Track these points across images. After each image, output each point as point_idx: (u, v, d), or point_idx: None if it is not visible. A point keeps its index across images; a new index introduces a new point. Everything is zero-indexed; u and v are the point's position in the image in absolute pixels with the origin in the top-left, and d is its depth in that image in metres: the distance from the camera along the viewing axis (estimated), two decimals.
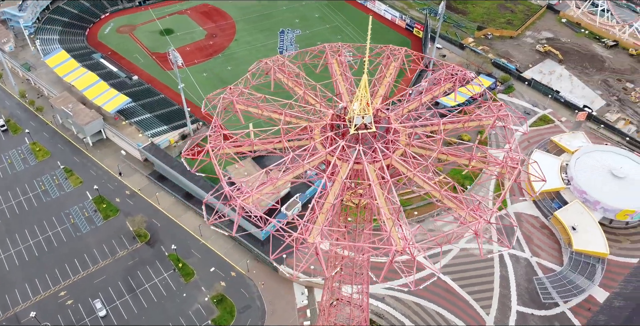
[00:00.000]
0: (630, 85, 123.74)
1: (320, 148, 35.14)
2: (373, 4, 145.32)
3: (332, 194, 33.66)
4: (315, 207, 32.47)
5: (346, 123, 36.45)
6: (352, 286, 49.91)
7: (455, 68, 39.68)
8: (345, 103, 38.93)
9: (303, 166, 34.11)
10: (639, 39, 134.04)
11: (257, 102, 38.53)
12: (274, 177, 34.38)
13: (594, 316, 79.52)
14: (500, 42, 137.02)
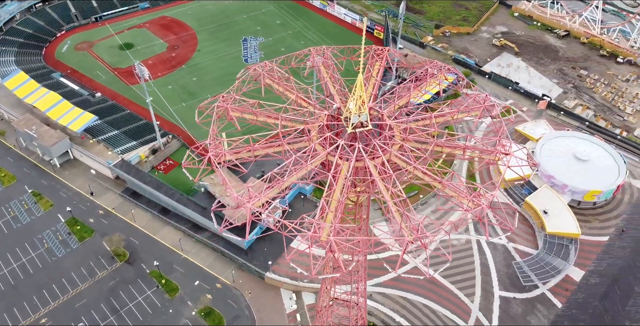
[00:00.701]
0: (584, 72, 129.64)
1: (320, 149, 35.83)
2: (333, 9, 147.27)
3: (338, 192, 34.21)
4: (324, 206, 32.85)
5: (342, 123, 37.23)
6: (352, 284, 50.60)
7: (438, 64, 41.33)
8: (339, 103, 39.80)
9: (306, 167, 34.57)
10: (588, 28, 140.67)
11: (251, 108, 39.09)
12: (280, 180, 34.90)
13: (573, 295, 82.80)
14: (458, 39, 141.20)
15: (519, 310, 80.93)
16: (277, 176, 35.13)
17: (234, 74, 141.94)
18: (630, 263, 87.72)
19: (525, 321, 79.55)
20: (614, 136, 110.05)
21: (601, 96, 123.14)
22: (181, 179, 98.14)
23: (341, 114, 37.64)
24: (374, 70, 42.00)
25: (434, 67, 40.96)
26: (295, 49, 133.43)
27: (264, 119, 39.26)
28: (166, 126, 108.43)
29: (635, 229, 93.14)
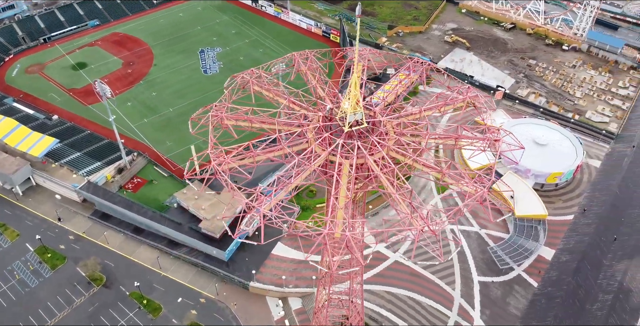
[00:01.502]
0: (533, 61, 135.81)
1: (319, 150, 36.59)
2: (287, 15, 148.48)
3: (344, 189, 34.83)
4: (334, 204, 34.18)
5: (336, 123, 38.10)
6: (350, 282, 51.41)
7: (419, 60, 43.09)
8: (332, 105, 40.71)
9: (310, 168, 35.25)
10: (533, 19, 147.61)
11: (245, 115, 39.68)
12: (287, 181, 35.44)
13: (547, 273, 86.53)
14: (411, 38, 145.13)
15: (498, 292, 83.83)
16: (282, 179, 35.79)
17: (195, 86, 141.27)
18: (596, 238, 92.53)
19: (505, 303, 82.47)
20: (567, 120, 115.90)
21: (551, 83, 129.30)
22: (152, 197, 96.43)
23: (335, 115, 38.73)
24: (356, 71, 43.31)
25: (416, 63, 42.90)
26: (254, 57, 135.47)
27: (260, 125, 39.93)
28: (130, 143, 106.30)
29: (597, 206, 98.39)
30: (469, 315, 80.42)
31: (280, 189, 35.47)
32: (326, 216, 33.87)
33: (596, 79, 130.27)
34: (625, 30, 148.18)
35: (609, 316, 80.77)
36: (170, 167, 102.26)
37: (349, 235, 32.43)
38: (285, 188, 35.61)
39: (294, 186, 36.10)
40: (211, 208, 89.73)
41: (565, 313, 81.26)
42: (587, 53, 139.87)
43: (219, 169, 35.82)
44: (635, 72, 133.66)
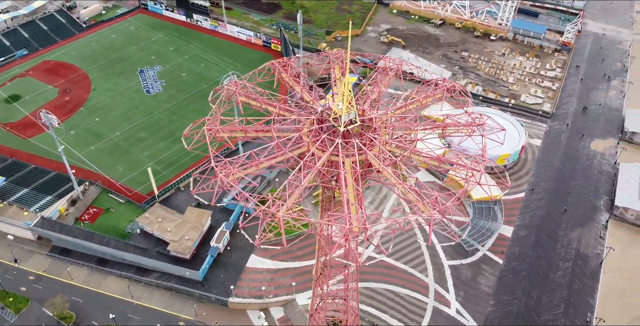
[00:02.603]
0: (465, 53, 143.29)
1: (319, 152, 38.13)
2: (225, 28, 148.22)
3: (351, 186, 36.78)
4: (347, 201, 35.79)
5: (329, 124, 39.68)
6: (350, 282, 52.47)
7: (393, 59, 45.75)
8: (323, 108, 41.57)
9: (315, 168, 36.68)
10: (460, 14, 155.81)
11: (240, 126, 40.16)
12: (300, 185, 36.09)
13: (509, 250, 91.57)
14: None
15: (468, 273, 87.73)
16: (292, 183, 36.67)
17: (140, 107, 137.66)
18: (547, 211, 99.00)
19: (476, 282, 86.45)
20: (505, 105, 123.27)
21: (485, 72, 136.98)
22: (111, 225, 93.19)
23: (326, 117, 40.10)
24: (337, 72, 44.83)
25: (391, 61, 45.25)
26: (197, 72, 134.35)
27: (255, 134, 40.59)
28: (79, 173, 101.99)
29: (544, 181, 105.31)
30: (445, 298, 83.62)
31: (292, 192, 36.36)
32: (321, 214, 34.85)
33: (525, 65, 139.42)
34: (545, 16, 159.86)
35: (572, 281, 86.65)
36: (126, 192, 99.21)
37: (370, 227, 33.84)
38: (297, 191, 36.50)
39: (304, 187, 37.21)
40: (177, 229, 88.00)
41: (531, 285, 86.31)
42: (513, 41, 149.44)
43: (227, 180, 36.07)
44: (560, 54, 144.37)
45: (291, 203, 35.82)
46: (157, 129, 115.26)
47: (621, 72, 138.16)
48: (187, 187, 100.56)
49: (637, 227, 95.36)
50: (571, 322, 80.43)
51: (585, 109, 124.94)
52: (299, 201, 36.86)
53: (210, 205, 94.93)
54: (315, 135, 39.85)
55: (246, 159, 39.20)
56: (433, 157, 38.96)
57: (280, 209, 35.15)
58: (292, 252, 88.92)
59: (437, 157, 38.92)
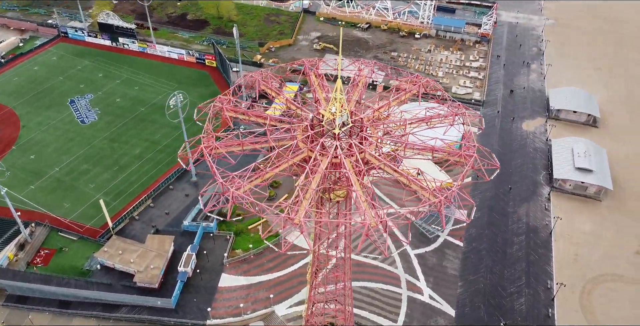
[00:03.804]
0: (394, 53, 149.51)
1: (320, 156, 39.35)
2: (154, 49, 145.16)
3: (358, 184, 38.00)
4: (359, 196, 36.83)
5: (322, 129, 41.07)
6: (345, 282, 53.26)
7: (366, 61, 48.27)
8: (315, 113, 43.03)
9: (320, 171, 37.99)
10: (384, 16, 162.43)
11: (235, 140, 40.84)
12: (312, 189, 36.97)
13: (467, 232, 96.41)
14: (283, 52, 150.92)
15: (434, 260, 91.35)
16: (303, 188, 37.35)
17: (77, 139, 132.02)
18: (495, 192, 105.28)
19: (443, 267, 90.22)
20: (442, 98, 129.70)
21: (415, 69, 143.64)
22: (67, 265, 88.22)
23: (321, 121, 40.99)
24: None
25: (363, 63, 47.16)
26: (132, 96, 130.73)
27: (252, 146, 41.56)
28: (23, 215, 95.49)
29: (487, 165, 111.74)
30: (417, 286, 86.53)
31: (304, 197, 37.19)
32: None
33: (451, 58, 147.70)
34: (461, 11, 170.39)
35: (528, 253, 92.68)
36: (77, 229, 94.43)
37: (388, 219, 35.19)
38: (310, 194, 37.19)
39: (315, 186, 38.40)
40: (141, 259, 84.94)
41: (493, 261, 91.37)
42: (436, 37, 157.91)
43: (238, 193, 37.11)
44: (481, 45, 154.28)
45: (307, 206, 36.90)
46: (99, 160, 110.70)
47: (538, 56, 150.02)
48: (142, 215, 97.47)
49: (575, 196, 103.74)
50: (534, 291, 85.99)
51: (512, 92, 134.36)
52: (312, 204, 37.72)
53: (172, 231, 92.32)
54: (312, 140, 41.31)
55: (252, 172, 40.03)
56: (426, 147, 41.36)
57: (298, 215, 36.30)
58: (262, 265, 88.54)
59: (431, 147, 41.37)
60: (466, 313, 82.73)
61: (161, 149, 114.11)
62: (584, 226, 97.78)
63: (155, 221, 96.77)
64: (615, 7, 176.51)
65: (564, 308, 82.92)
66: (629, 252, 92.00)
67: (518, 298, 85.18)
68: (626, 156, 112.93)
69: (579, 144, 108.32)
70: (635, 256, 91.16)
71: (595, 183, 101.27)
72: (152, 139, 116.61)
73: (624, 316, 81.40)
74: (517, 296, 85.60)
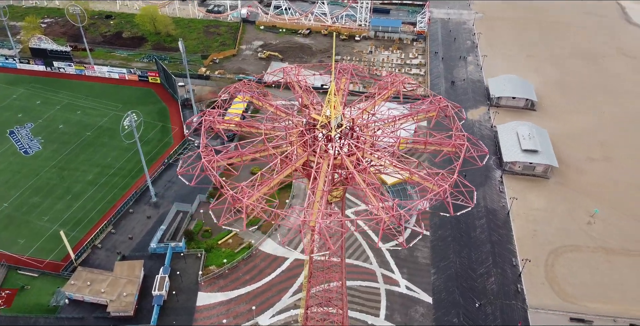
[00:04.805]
0: (338, 57, 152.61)
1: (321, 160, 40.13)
2: (93, 70, 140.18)
3: (362, 181, 39.04)
4: (310, 196, 37.49)
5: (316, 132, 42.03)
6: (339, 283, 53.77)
7: (350, 66, 49.94)
8: (307, 117, 43.77)
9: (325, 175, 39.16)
10: (323, 21, 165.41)
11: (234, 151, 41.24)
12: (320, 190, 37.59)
13: (431, 221, 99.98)
14: (228, 63, 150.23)
15: (405, 251, 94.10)
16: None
17: (22, 171, 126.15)
18: None
19: (414, 257, 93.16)
20: None
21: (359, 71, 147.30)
22: (32, 303, 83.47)
23: (314, 125, 42.02)
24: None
25: (344, 67, 48.09)
26: (75, 121, 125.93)
27: (252, 156, 42.16)
28: None
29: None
30: (393, 279, 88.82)
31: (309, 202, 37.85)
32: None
33: (392, 58, 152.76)
34: (396, 11, 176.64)
35: (491, 235, 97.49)
36: (36, 265, 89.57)
37: (404, 212, 36.23)
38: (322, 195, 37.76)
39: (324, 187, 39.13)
40: (112, 287, 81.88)
41: (460, 246, 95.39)
42: (375, 39, 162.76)
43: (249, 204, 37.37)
44: (418, 43, 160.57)
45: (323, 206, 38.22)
46: (50, 190, 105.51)
47: (473, 49, 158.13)
48: (104, 242, 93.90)
49: (525, 176, 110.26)
50: (502, 270, 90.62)
51: (454, 84, 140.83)
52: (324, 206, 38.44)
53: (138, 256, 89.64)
54: (309, 144, 42.10)
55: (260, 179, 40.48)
56: (419, 140, 43.17)
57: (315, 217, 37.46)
58: (239, 278, 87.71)
59: (424, 140, 43.20)
60: (442, 298, 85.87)
61: (115, 172, 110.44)
62: (537, 204, 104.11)
63: (119, 247, 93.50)
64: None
65: (531, 282, 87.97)
66: (581, 223, 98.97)
67: (488, 278, 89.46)
68: (565, 135, 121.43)
69: (523, 128, 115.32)
70: (588, 226, 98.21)
71: (542, 162, 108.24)
72: (104, 163, 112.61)
73: (586, 282, 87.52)
74: (487, 276, 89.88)
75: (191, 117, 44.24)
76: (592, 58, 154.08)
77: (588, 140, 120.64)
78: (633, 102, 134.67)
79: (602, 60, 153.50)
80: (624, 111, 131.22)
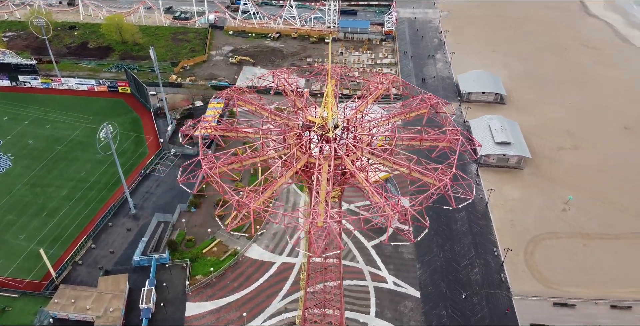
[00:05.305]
0: (309, 59, 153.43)
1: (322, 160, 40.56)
2: (60, 83, 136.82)
3: (364, 180, 40.13)
4: (314, 197, 38.22)
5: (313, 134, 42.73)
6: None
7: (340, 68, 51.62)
8: (303, 120, 44.46)
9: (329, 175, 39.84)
10: (292, 24, 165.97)
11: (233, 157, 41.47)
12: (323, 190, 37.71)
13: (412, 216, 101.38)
14: (199, 69, 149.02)
15: (390, 247, 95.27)
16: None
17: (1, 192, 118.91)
18: None
19: (399, 252, 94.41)
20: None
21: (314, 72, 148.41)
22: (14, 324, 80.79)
23: (310, 127, 42.46)
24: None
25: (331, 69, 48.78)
26: (45, 135, 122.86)
27: (253, 161, 42.62)
28: None
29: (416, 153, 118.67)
30: (380, 276, 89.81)
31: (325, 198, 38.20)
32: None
33: (362, 58, 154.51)
34: (363, 13, 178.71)
35: (471, 227, 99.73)
36: (16, 285, 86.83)
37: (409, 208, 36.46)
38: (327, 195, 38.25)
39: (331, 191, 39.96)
40: (97, 303, 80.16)
41: (442, 239, 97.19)
42: (345, 40, 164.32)
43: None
44: (387, 43, 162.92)
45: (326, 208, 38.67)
46: (24, 208, 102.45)
47: (440, 46, 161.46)
48: (85, 258, 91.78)
49: (499, 168, 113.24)
50: (485, 260, 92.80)
51: (424, 81, 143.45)
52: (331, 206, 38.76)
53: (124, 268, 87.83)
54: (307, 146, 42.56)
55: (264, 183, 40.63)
56: (415, 137, 43.90)
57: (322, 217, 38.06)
58: (227, 286, 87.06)
59: (420, 137, 43.90)
60: (430, 292, 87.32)
61: (90, 186, 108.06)
62: (513, 194, 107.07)
63: (101, 262, 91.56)
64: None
65: (513, 270, 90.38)
66: (556, 210, 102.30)
67: (472, 269, 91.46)
68: (535, 126, 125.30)
69: (494, 121, 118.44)
70: (563, 214, 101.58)
71: (515, 153, 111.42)
72: (78, 178, 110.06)
73: (566, 267, 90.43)
74: (471, 267, 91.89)
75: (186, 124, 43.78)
76: (555, 51, 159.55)
77: (557, 130, 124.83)
78: (596, 92, 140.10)
79: (565, 52, 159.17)
80: (589, 101, 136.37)
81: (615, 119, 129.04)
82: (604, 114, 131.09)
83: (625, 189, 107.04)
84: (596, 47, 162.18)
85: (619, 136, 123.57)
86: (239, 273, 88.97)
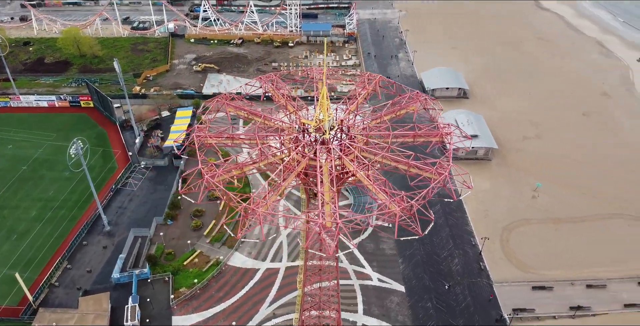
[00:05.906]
0: (275, 64, 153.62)
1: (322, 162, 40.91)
2: (19, 101, 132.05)
3: (366, 180, 40.88)
4: (319, 196, 38.90)
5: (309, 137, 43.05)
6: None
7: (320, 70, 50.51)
8: (299, 123, 44.47)
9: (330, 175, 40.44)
10: (254, 30, 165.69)
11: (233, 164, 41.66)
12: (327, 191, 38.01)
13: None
14: (163, 79, 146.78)
15: (372, 245, 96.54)
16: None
17: None
18: None
19: (381, 249, 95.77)
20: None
21: (298, 76, 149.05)
22: None
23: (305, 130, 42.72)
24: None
25: (318, 72, 49.80)
26: (8, 156, 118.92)
27: (252, 167, 42.73)
28: None
29: None
30: (365, 273, 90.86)
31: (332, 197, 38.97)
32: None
33: (327, 60, 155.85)
34: (323, 15, 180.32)
35: (447, 219, 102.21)
36: None
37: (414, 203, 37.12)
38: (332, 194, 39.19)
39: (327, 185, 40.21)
40: (80, 322, 77.80)
41: None
42: (308, 43, 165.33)
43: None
44: (350, 44, 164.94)
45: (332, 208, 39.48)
46: None
47: (402, 45, 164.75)
48: (62, 279, 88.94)
49: (469, 160, 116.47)
50: (463, 251, 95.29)
51: None
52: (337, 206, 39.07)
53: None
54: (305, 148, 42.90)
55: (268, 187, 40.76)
56: (410, 134, 44.71)
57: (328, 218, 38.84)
58: (212, 296, 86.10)
59: (413, 134, 44.71)
60: (414, 285, 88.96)
61: (60, 205, 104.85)
62: (484, 185, 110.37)
63: (78, 282, 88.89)
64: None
65: (491, 258, 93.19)
66: (526, 198, 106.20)
67: (452, 260, 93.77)
68: (499, 118, 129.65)
69: (460, 115, 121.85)
70: (532, 201, 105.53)
71: (483, 145, 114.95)
72: (46, 197, 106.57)
73: (539, 252, 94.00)
74: (451, 258, 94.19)
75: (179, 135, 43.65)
76: (512, 44, 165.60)
77: (520, 121, 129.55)
78: (553, 82, 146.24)
79: (522, 45, 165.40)
80: (547, 90, 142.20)
81: (574, 106, 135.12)
82: (563, 102, 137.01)
83: (589, 174, 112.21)
84: (550, 39, 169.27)
85: (579, 122, 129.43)
86: (224, 282, 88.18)
